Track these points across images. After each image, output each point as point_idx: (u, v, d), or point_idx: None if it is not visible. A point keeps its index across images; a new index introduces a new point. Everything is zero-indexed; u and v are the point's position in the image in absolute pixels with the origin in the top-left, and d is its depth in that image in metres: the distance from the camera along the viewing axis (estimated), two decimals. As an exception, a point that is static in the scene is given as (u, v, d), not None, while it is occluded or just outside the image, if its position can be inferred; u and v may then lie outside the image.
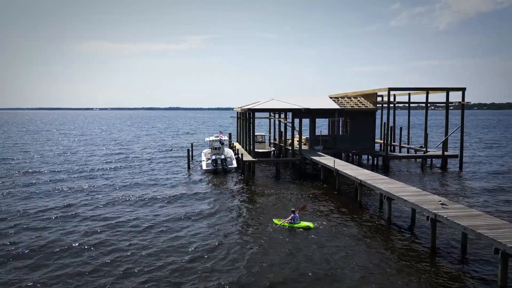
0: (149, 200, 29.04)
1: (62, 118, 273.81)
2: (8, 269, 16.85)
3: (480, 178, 37.79)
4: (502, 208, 26.47)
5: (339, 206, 27.30)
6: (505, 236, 14.99)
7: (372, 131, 46.15)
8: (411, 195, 21.91)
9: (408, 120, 52.60)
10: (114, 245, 19.64)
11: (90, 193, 31.03)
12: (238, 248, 19.25)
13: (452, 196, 29.53)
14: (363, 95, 48.83)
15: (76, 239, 20.55)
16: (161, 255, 18.39)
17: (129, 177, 38.40)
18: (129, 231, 21.94)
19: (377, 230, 22.14)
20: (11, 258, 17.97)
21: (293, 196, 30.08)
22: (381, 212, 25.70)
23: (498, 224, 16.50)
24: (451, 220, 17.31)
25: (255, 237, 21.01)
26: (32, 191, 31.47)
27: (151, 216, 24.75)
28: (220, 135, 44.48)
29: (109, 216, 24.76)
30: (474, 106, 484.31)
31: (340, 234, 21.29)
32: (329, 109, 44.34)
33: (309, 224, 22.24)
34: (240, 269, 16.94)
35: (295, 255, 18.42)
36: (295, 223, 22.33)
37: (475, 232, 15.84)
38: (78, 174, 39.93)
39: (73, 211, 25.67)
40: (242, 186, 34.35)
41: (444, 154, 43.31)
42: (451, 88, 43.59)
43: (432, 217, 18.52)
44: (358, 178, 27.44)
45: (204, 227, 22.67)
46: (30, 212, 25.30)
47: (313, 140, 45.51)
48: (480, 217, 17.60)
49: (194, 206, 27.22)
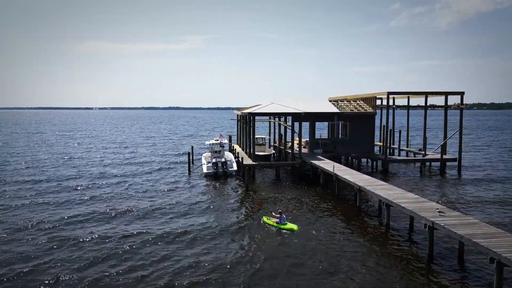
0: (148, 201, 29.44)
1: (60, 118, 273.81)
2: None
3: (477, 182, 38.08)
4: (498, 213, 26.81)
5: (338, 210, 27.62)
6: (501, 246, 15.31)
7: (371, 134, 46.46)
8: (409, 202, 22.23)
9: (407, 122, 52.91)
10: (109, 240, 19.97)
11: (91, 195, 31.37)
12: (238, 254, 19.57)
13: (449, 201, 29.87)
14: (363, 99, 49.14)
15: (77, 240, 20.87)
16: (158, 256, 18.75)
17: (129, 181, 38.68)
18: (121, 231, 22.30)
19: (376, 236, 22.46)
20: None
21: (292, 201, 30.36)
22: (380, 217, 26.01)
23: (494, 233, 16.82)
24: (448, 229, 17.63)
25: (254, 241, 21.33)
26: (30, 196, 31.82)
27: (150, 217, 25.13)
28: (221, 139, 44.76)
29: (108, 216, 25.10)
30: (474, 106, 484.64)
31: (339, 239, 21.61)
32: (329, 113, 44.65)
33: (293, 227, 23.38)
34: (234, 275, 17.27)
35: (291, 259, 18.72)
36: (282, 223, 23.57)
37: (471, 241, 16.15)
38: (90, 176, 40.25)
39: (73, 213, 26.01)
40: (242, 190, 34.64)
41: (442, 158, 43.64)
42: (450, 92, 43.90)
43: (430, 225, 18.83)
44: (357, 184, 27.76)
45: (201, 232, 22.98)
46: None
47: (312, 143, 45.82)
48: (476, 226, 17.92)
49: (193, 210, 27.51)
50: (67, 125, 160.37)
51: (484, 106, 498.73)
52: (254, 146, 41.28)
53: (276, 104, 43.93)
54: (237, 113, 53.68)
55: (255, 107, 45.02)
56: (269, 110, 41.78)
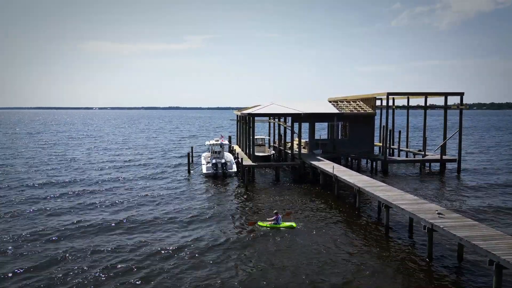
0: (148, 203, 29.48)
1: (60, 118, 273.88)
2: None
3: (477, 183, 38.05)
4: (497, 214, 26.82)
5: (338, 211, 27.64)
6: (499, 248, 15.30)
7: (371, 135, 46.49)
8: (408, 204, 22.22)
9: (407, 123, 52.92)
10: (111, 244, 19.98)
11: (93, 196, 31.39)
12: (235, 255, 19.59)
13: (449, 202, 29.88)
14: (362, 99, 49.15)
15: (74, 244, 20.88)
16: (155, 257, 18.76)
17: (129, 182, 38.70)
18: (122, 232, 22.38)
19: (375, 237, 22.47)
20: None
21: (292, 201, 30.37)
22: (380, 219, 26.01)
23: (493, 235, 16.81)
24: (447, 231, 17.63)
25: (254, 243, 21.34)
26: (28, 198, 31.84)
27: (149, 219, 25.16)
28: (221, 139, 44.76)
29: (108, 217, 25.10)
30: (473, 106, 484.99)
31: (338, 241, 21.62)
32: (328, 113, 44.66)
33: (292, 224, 23.87)
34: (233, 276, 17.28)
35: (292, 261, 18.74)
36: (279, 223, 24.00)
37: (470, 243, 16.16)
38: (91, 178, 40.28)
39: (73, 215, 26.03)
40: (241, 191, 34.65)
41: (442, 158, 43.66)
42: (450, 92, 43.92)
43: (429, 226, 18.84)
44: (357, 185, 27.76)
45: (199, 231, 23.00)
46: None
47: (312, 144, 45.83)
48: (475, 228, 17.92)
49: (192, 211, 27.53)
50: (67, 126, 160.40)
51: (484, 106, 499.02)
52: (253, 147, 41.28)
53: (275, 104, 43.96)
54: (237, 113, 53.67)
55: (255, 108, 45.06)
56: (268, 110, 41.79)
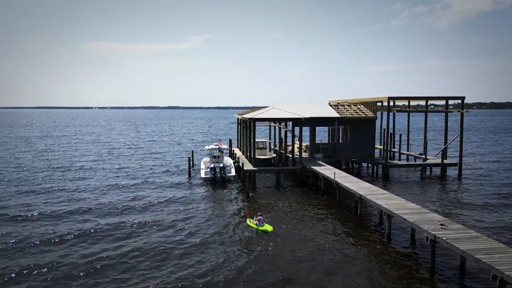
0: (148, 205, 29.69)
1: (60, 117, 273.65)
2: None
3: (478, 188, 37.88)
4: (499, 222, 26.64)
5: (338, 219, 27.49)
6: (503, 263, 15.15)
7: (372, 139, 46.32)
8: (410, 213, 22.05)
9: (407, 126, 52.74)
10: (109, 248, 19.85)
11: (92, 200, 31.26)
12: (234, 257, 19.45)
13: (450, 209, 29.72)
14: (363, 103, 48.99)
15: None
16: (151, 257, 18.62)
17: (127, 184, 38.55)
18: (119, 236, 22.54)
19: (376, 246, 22.28)
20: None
21: (293, 208, 30.18)
22: (381, 228, 25.78)
23: (497, 249, 16.65)
24: (450, 243, 17.47)
25: (252, 247, 21.20)
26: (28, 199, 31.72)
27: (149, 220, 25.07)
28: (220, 144, 44.62)
29: (106, 221, 24.96)
30: (473, 105, 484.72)
31: (338, 249, 21.47)
32: (329, 117, 44.50)
33: (267, 228, 24.35)
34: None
35: (291, 270, 18.59)
36: (260, 225, 24.56)
37: (473, 257, 15.99)
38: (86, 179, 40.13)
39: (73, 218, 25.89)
40: (242, 196, 34.51)
41: (443, 163, 43.48)
42: (451, 97, 43.78)
43: (432, 238, 18.68)
44: (358, 193, 27.58)
45: (198, 235, 22.87)
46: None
47: (313, 148, 45.66)
48: (478, 240, 17.75)
49: (189, 214, 27.44)
50: (67, 125, 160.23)
51: (484, 106, 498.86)
52: (254, 151, 41.13)
53: (276, 109, 43.79)
54: (238, 116, 53.49)
55: (255, 112, 44.89)
56: (269, 115, 41.62)
